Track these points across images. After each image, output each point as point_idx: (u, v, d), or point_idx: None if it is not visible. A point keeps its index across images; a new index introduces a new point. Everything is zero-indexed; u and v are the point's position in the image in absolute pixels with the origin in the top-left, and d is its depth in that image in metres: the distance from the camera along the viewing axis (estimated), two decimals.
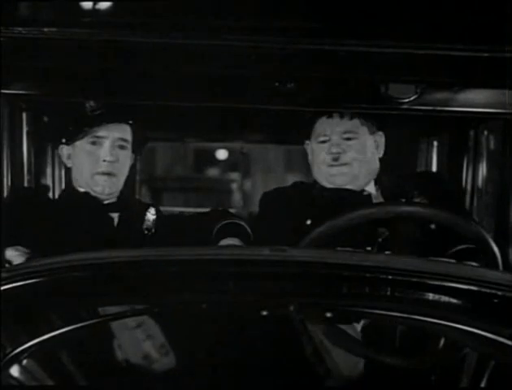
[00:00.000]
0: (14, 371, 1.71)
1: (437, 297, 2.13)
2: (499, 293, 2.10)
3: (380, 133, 2.90)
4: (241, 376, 1.66)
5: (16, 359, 1.73)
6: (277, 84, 2.31)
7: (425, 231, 2.72)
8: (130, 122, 2.84)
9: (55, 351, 1.85)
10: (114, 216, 2.83)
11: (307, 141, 2.92)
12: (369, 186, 2.89)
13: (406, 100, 2.29)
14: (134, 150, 2.91)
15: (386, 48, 2.10)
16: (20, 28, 2.03)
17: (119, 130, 2.81)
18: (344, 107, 2.45)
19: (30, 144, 3.18)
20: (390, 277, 2.14)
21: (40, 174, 3.27)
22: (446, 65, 2.14)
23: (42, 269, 2.11)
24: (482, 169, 3.18)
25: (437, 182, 3.33)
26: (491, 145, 3.15)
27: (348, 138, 2.82)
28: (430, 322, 2.05)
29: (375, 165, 2.90)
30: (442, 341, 2.11)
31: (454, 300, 2.13)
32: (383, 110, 2.43)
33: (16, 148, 3.13)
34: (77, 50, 2.11)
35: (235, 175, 10.22)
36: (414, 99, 2.29)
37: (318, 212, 2.62)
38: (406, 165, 3.56)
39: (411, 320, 2.07)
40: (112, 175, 2.79)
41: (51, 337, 1.85)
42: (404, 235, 2.70)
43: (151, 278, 2.13)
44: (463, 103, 2.34)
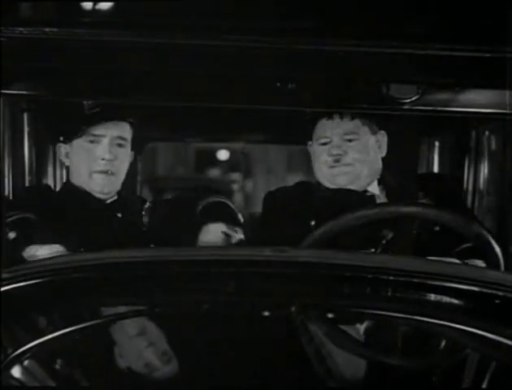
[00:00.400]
0: (15, 372, 1.71)
1: (438, 298, 2.13)
2: (500, 294, 2.10)
3: (382, 132, 2.89)
4: (242, 376, 1.66)
5: (18, 360, 1.73)
6: (278, 85, 2.31)
7: (429, 232, 2.71)
8: (129, 120, 2.82)
9: (56, 352, 1.85)
10: (115, 214, 2.83)
11: (310, 142, 2.92)
12: (372, 186, 2.88)
13: (408, 100, 2.29)
14: (133, 148, 2.90)
15: (387, 48, 2.10)
16: (21, 29, 2.03)
17: (118, 128, 2.79)
18: (345, 107, 2.45)
19: (31, 144, 3.18)
20: (391, 278, 2.14)
21: (41, 173, 3.27)
22: (448, 65, 2.14)
23: (43, 270, 2.11)
24: (483, 169, 3.18)
25: (442, 183, 3.33)
26: (492, 146, 3.15)
27: (349, 139, 2.82)
28: (431, 322, 2.05)
29: (378, 165, 2.90)
30: (443, 342, 2.11)
31: (455, 300, 2.12)
32: (384, 111, 2.43)
33: (17, 148, 3.13)
34: (78, 50, 2.11)
35: (236, 176, 10.23)
36: (416, 99, 2.28)
37: (321, 213, 2.61)
38: (408, 165, 3.56)
39: (412, 321, 2.07)
40: (111, 174, 2.78)
41: (53, 338, 1.86)
42: (408, 236, 2.69)
43: (152, 278, 2.13)
44: (465, 103, 2.34)
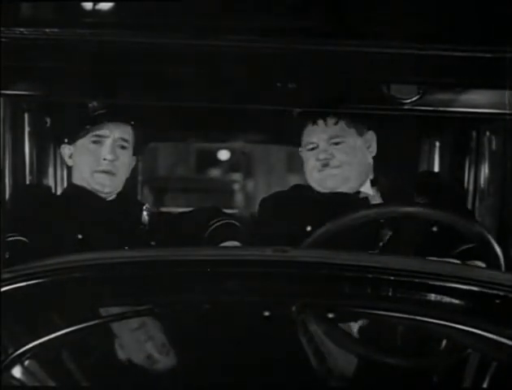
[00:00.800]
0: (16, 372, 1.71)
1: (439, 298, 2.13)
2: (501, 294, 2.10)
3: (371, 132, 2.88)
4: (243, 376, 1.66)
5: (18, 360, 1.73)
6: (279, 85, 2.31)
7: (428, 232, 2.71)
8: (132, 123, 2.85)
9: (57, 352, 1.85)
10: (113, 213, 2.84)
11: (300, 148, 2.93)
12: (365, 187, 2.87)
13: (408, 100, 2.29)
14: (135, 152, 2.92)
15: (388, 48, 2.10)
16: (22, 29, 2.03)
17: (121, 130, 2.83)
18: (345, 108, 2.45)
19: (32, 144, 3.18)
20: (392, 278, 2.14)
21: (42, 174, 3.27)
22: (449, 65, 2.14)
23: (44, 270, 2.11)
24: (484, 169, 3.18)
25: (439, 182, 3.33)
26: (493, 146, 3.14)
27: (335, 143, 2.82)
28: (432, 322, 2.05)
29: (368, 165, 2.89)
30: (444, 342, 2.11)
31: (456, 300, 2.12)
32: (385, 111, 2.43)
33: (18, 148, 3.13)
34: (79, 51, 2.11)
35: (236, 176, 10.24)
36: (417, 99, 2.29)
37: (316, 216, 2.61)
38: (408, 165, 3.56)
39: (413, 321, 2.07)
40: (112, 174, 2.81)
41: (53, 338, 1.86)
42: (407, 236, 2.69)
43: (153, 278, 2.13)
44: (465, 104, 2.34)
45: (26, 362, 1.74)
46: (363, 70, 2.19)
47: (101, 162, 2.80)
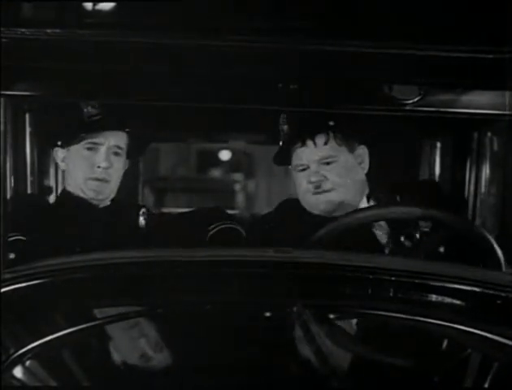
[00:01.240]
0: (17, 372, 1.71)
1: (440, 298, 2.13)
2: (502, 294, 2.11)
3: (362, 147, 2.79)
4: (244, 377, 1.66)
5: (19, 360, 1.74)
6: (280, 85, 2.31)
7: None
8: (127, 129, 2.83)
9: (58, 352, 1.85)
10: (108, 219, 2.83)
11: (290, 167, 2.82)
12: (362, 204, 2.80)
13: (410, 101, 2.28)
14: (129, 156, 2.90)
15: (389, 49, 2.10)
16: (23, 29, 2.03)
17: (116, 137, 2.80)
18: (347, 109, 2.45)
19: (33, 145, 3.18)
20: (393, 278, 2.14)
21: (43, 175, 3.27)
22: (450, 66, 2.14)
23: (45, 270, 2.11)
24: (485, 170, 3.17)
25: (434, 191, 3.32)
26: (494, 147, 3.14)
27: (326, 163, 2.72)
28: (433, 323, 2.05)
29: (362, 182, 2.79)
30: (445, 342, 2.11)
31: (457, 301, 2.13)
32: (386, 112, 2.43)
33: (19, 149, 3.13)
34: (81, 51, 2.11)
35: (238, 176, 10.23)
36: (418, 100, 2.28)
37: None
38: (410, 166, 3.56)
39: (414, 321, 2.07)
40: (105, 181, 2.79)
41: (54, 339, 1.86)
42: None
43: (155, 279, 2.13)
44: (467, 105, 2.33)
45: (27, 363, 1.75)
46: (364, 71, 2.19)
47: (95, 170, 2.77)
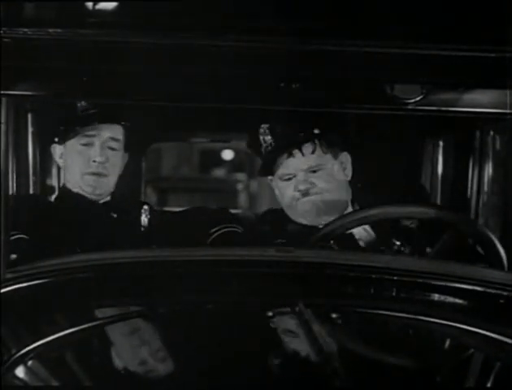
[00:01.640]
0: (18, 372, 1.71)
1: (443, 298, 2.13)
2: (504, 294, 2.11)
3: (345, 154, 2.77)
4: (246, 376, 1.66)
5: (21, 360, 1.74)
6: (282, 85, 2.31)
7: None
8: (123, 122, 2.81)
9: (60, 352, 1.85)
10: (110, 215, 2.82)
11: (270, 177, 2.79)
12: (348, 209, 2.78)
13: (412, 100, 2.28)
14: (127, 149, 2.87)
15: (391, 48, 2.10)
16: (25, 29, 2.03)
17: (110, 130, 2.78)
18: (348, 108, 2.44)
19: (35, 144, 3.18)
20: (395, 278, 2.14)
21: (45, 173, 3.27)
22: (452, 65, 2.14)
23: (46, 270, 2.12)
24: (488, 169, 3.17)
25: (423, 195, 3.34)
26: (497, 146, 3.14)
27: (314, 171, 2.70)
28: (435, 322, 2.05)
29: (347, 188, 2.76)
30: (447, 342, 2.11)
31: (460, 300, 2.13)
32: (388, 111, 2.43)
33: (22, 148, 3.13)
34: (83, 51, 2.11)
35: (240, 176, 10.23)
36: (420, 99, 2.28)
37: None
38: (411, 166, 3.56)
39: (416, 321, 2.07)
40: (102, 176, 2.77)
41: (56, 339, 1.86)
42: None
43: (157, 279, 2.13)
44: (469, 104, 2.33)
45: (29, 362, 1.75)
46: (366, 70, 2.19)
47: (90, 164, 2.75)
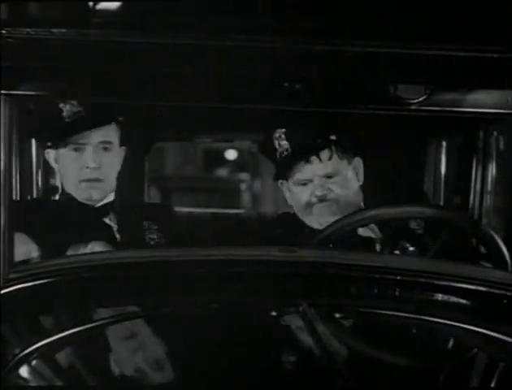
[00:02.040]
0: (22, 372, 1.71)
1: (446, 298, 2.13)
2: (508, 294, 2.11)
3: (357, 159, 2.79)
4: (250, 375, 1.66)
5: (25, 360, 1.74)
6: (286, 85, 2.31)
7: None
8: (115, 120, 2.76)
9: (63, 352, 1.85)
10: (111, 218, 2.79)
11: (281, 181, 2.80)
12: None
13: (415, 101, 2.28)
14: (123, 144, 2.82)
15: (395, 49, 2.10)
16: (28, 29, 2.03)
17: (102, 133, 2.71)
18: (351, 108, 2.44)
19: (38, 145, 3.19)
20: (399, 277, 2.14)
21: (48, 175, 3.27)
22: (455, 66, 2.14)
23: (49, 270, 2.12)
24: (491, 169, 3.17)
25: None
26: (500, 146, 3.14)
27: (330, 176, 2.71)
28: (438, 322, 2.05)
29: (359, 194, 2.78)
30: (450, 341, 2.12)
31: (463, 300, 2.13)
32: (391, 111, 2.43)
33: (24, 149, 3.13)
34: (86, 51, 2.11)
35: (244, 175, 10.24)
36: (423, 100, 2.28)
37: None
38: (414, 166, 3.56)
39: (420, 320, 2.07)
40: (98, 181, 2.72)
41: (59, 338, 1.86)
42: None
43: (162, 278, 2.13)
44: (472, 104, 2.33)
45: (33, 362, 1.75)
46: (369, 70, 2.19)
47: (84, 172, 2.70)
